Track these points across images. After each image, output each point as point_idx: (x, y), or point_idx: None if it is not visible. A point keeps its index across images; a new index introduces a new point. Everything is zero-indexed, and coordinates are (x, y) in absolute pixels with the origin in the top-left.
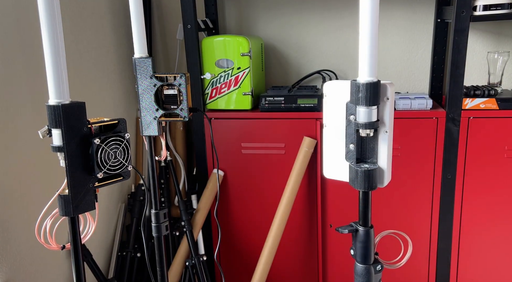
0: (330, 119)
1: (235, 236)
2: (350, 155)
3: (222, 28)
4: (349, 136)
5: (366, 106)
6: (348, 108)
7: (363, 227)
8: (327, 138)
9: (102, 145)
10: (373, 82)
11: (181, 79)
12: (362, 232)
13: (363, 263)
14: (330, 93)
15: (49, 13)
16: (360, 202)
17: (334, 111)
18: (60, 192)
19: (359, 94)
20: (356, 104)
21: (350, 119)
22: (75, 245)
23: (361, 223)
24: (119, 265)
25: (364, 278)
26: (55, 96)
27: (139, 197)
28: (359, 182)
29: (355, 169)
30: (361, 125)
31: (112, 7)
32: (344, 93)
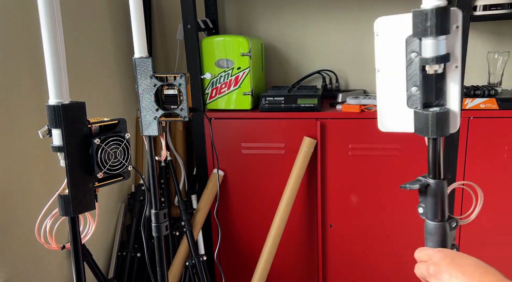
0: (383, 62)
1: (235, 236)
2: (414, 99)
3: (222, 28)
4: (411, 78)
5: (435, 36)
6: (409, 44)
7: (434, 180)
8: (381, 85)
9: (102, 145)
10: (443, 6)
11: (181, 79)
12: (434, 185)
13: (437, 220)
14: (383, 30)
15: (49, 13)
16: (430, 152)
17: (389, 51)
18: (60, 192)
19: (426, 23)
20: (422, 36)
21: (412, 56)
22: (75, 245)
23: (431, 176)
24: (119, 265)
25: (440, 236)
26: (55, 96)
27: (139, 197)
28: (429, 129)
29: (424, 114)
30: (430, 60)
31: (112, 7)
32: (400, 29)
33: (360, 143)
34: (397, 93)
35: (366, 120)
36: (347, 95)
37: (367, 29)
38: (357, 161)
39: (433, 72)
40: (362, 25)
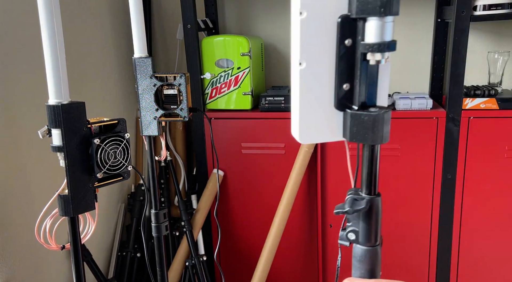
0: (309, 53)
1: (235, 236)
2: (346, 98)
3: (222, 28)
4: (342, 71)
5: (382, 16)
6: (344, 26)
7: (369, 195)
8: (305, 83)
9: (102, 145)
10: None
11: (181, 79)
12: (370, 202)
13: (369, 244)
14: (311, 8)
15: (49, 13)
16: (365, 162)
17: (317, 37)
18: (60, 192)
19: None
20: (365, 15)
21: (346, 44)
22: (75, 245)
23: (366, 192)
24: (119, 265)
25: (371, 264)
26: (55, 96)
27: (139, 197)
28: (370, 134)
29: (363, 116)
30: (374, 46)
31: (112, 7)
32: (333, 7)
33: None
34: (324, 93)
35: None
36: None
37: None
38: (357, 161)
39: (374, 63)
40: None
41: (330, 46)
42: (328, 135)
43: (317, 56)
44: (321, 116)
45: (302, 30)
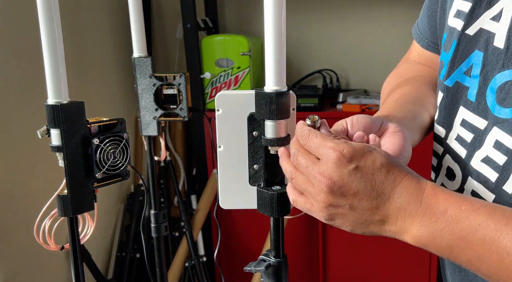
0: (225, 139)
1: (235, 236)
2: (257, 177)
3: (222, 28)
4: (253, 155)
5: (277, 119)
6: (251, 122)
7: (276, 258)
8: (223, 162)
9: (101, 145)
10: (284, 91)
11: (181, 78)
12: (276, 264)
13: None
14: (225, 107)
15: (48, 12)
16: (272, 231)
17: (231, 128)
18: (59, 192)
19: (271, 106)
20: (266, 118)
21: (254, 135)
22: (74, 246)
23: (273, 255)
24: (118, 265)
25: None
26: (54, 95)
27: (139, 198)
28: (272, 208)
29: (266, 193)
30: (272, 141)
31: (111, 6)
32: (243, 106)
33: None
34: (240, 171)
35: None
36: (347, 94)
37: (368, 28)
38: None
39: (274, 152)
40: (363, 25)
41: (243, 135)
42: (246, 204)
43: (232, 142)
44: (239, 189)
45: (218, 122)
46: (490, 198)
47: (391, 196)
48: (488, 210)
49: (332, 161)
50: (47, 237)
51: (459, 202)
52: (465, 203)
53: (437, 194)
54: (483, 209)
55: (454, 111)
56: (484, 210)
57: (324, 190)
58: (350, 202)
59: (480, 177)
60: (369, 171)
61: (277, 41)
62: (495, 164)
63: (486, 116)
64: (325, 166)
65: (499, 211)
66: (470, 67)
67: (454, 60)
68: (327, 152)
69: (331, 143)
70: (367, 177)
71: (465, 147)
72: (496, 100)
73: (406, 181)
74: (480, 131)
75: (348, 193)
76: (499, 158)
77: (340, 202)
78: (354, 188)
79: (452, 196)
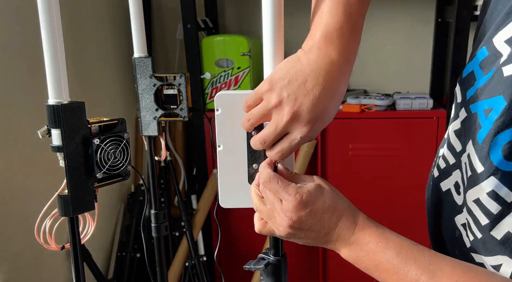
0: (224, 139)
1: (235, 236)
2: (256, 176)
3: (222, 28)
4: (252, 155)
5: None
6: None
7: (275, 257)
8: (223, 161)
9: (102, 145)
10: None
11: (181, 78)
12: (275, 262)
13: None
14: (224, 107)
15: (49, 13)
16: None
17: (230, 127)
18: (59, 192)
19: None
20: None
21: (253, 134)
22: (75, 246)
23: (273, 253)
24: (118, 265)
25: None
26: (54, 96)
27: (139, 197)
28: None
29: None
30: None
31: (111, 6)
32: (241, 105)
33: (360, 143)
34: (239, 170)
35: (366, 120)
36: (347, 95)
37: (368, 28)
38: (357, 161)
39: None
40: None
41: (242, 134)
42: (245, 203)
43: (232, 141)
44: (238, 188)
45: (217, 122)
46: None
47: (334, 228)
48: (397, 250)
49: (292, 206)
50: (48, 237)
51: (379, 238)
52: (382, 241)
53: (365, 229)
54: (393, 248)
55: (466, 141)
56: (393, 249)
57: (285, 225)
58: (304, 233)
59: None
60: (320, 211)
61: (275, 42)
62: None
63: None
64: (286, 208)
65: (404, 251)
66: (491, 109)
67: (484, 89)
68: (288, 199)
69: (291, 189)
70: (318, 216)
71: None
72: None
73: (345, 217)
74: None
75: (304, 227)
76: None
77: (297, 232)
78: (308, 224)
79: (375, 232)
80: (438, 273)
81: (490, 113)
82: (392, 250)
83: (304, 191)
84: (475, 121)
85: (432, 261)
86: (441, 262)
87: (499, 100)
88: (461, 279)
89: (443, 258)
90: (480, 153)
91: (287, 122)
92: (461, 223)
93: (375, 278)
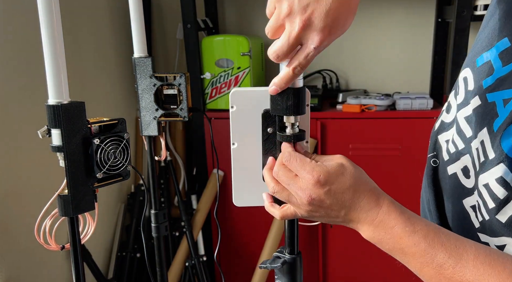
0: (239, 136)
1: (235, 236)
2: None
3: (222, 28)
4: (267, 152)
5: (294, 115)
6: (266, 119)
7: (291, 255)
8: (237, 159)
9: (102, 145)
10: (301, 87)
11: (181, 78)
12: (290, 260)
13: None
14: (239, 104)
15: (49, 13)
16: (287, 228)
17: (245, 125)
18: (59, 192)
19: (288, 102)
20: (282, 114)
21: (269, 131)
22: (75, 246)
23: (288, 251)
24: (118, 265)
25: None
26: (54, 96)
27: (139, 197)
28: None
29: None
30: (287, 137)
31: (111, 7)
32: (257, 102)
33: (360, 143)
34: (253, 167)
35: (366, 120)
36: (347, 95)
37: (368, 29)
38: (357, 161)
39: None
40: (363, 25)
41: (257, 132)
42: (259, 201)
43: (246, 139)
44: (252, 186)
45: (232, 119)
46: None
47: (356, 209)
48: (423, 233)
49: (311, 184)
50: (48, 237)
51: (405, 223)
52: (408, 225)
53: (390, 212)
54: (420, 232)
55: (479, 128)
56: (421, 233)
57: (305, 203)
58: (324, 210)
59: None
60: (339, 191)
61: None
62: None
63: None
64: (305, 186)
65: (431, 235)
66: (510, 99)
67: (505, 80)
68: (305, 176)
69: (309, 167)
70: (337, 196)
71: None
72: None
73: (367, 198)
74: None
75: (323, 205)
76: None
77: (317, 209)
78: (328, 203)
79: (400, 216)
80: (465, 256)
81: (508, 103)
82: (419, 234)
83: (323, 169)
84: (491, 110)
85: (458, 244)
86: (466, 245)
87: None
88: (487, 261)
89: (467, 241)
90: (493, 141)
91: (299, 31)
92: (471, 205)
93: (397, 259)
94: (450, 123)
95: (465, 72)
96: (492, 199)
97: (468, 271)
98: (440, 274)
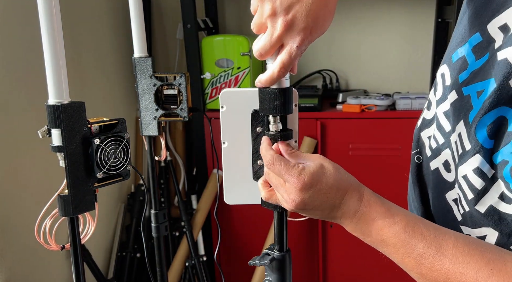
0: (229, 135)
1: (235, 236)
2: (260, 172)
3: (222, 28)
4: (256, 151)
5: (281, 114)
6: (255, 118)
7: (279, 252)
8: (228, 158)
9: (102, 145)
10: (287, 87)
11: (181, 78)
12: (280, 257)
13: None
14: (229, 104)
15: (49, 13)
16: (276, 225)
17: (235, 124)
18: (59, 192)
19: (275, 102)
20: (269, 114)
21: (258, 131)
22: (75, 246)
23: (277, 248)
24: (118, 265)
25: None
26: (55, 96)
27: (139, 197)
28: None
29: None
30: (276, 136)
31: (111, 7)
32: (246, 103)
33: (360, 143)
34: (243, 166)
35: (366, 120)
36: (347, 95)
37: (368, 29)
38: (357, 161)
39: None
40: (362, 25)
41: (247, 131)
42: (250, 199)
43: (236, 138)
44: (242, 184)
45: (222, 118)
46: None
47: (340, 205)
48: (403, 225)
49: (296, 188)
50: (48, 237)
51: (385, 213)
52: (388, 216)
53: (371, 204)
54: (400, 223)
55: (456, 122)
56: (400, 224)
57: (291, 205)
58: (311, 211)
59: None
60: (323, 191)
61: None
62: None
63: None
64: (290, 190)
65: (411, 225)
66: (483, 90)
67: (478, 73)
68: (291, 181)
69: (294, 172)
70: (322, 196)
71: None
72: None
73: (350, 193)
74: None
75: (309, 206)
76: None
77: (304, 209)
78: (313, 204)
79: (380, 207)
80: (444, 245)
81: (481, 95)
82: (399, 225)
83: (307, 173)
84: (467, 103)
85: (437, 234)
86: (446, 235)
87: (490, 83)
88: (465, 250)
89: (446, 231)
90: (469, 132)
91: (281, 32)
92: (453, 199)
93: (381, 252)
94: (431, 120)
95: (442, 69)
96: (471, 190)
97: (448, 260)
98: (421, 264)
